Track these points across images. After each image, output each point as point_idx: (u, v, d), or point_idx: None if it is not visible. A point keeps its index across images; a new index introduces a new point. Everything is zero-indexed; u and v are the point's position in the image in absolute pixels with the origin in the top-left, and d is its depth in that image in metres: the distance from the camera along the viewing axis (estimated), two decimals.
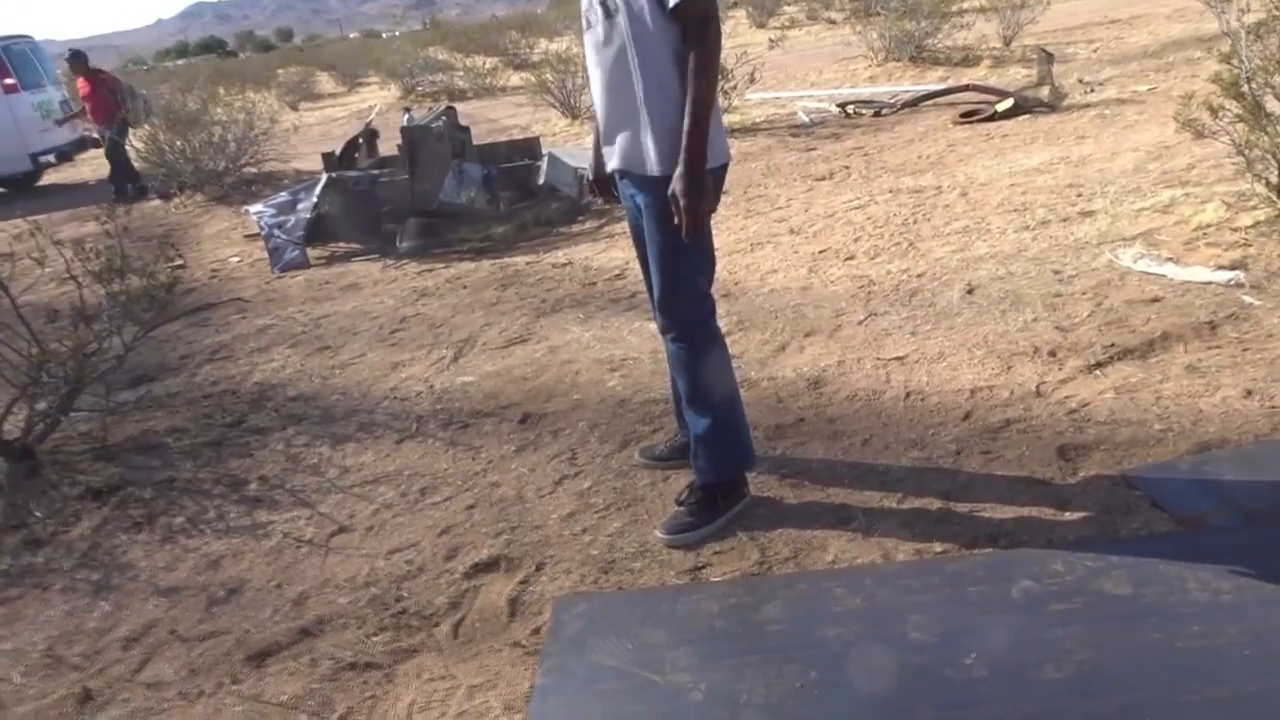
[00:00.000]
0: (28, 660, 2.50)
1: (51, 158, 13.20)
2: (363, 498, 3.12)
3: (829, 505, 2.68)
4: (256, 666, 2.34)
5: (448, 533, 2.82)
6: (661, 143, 2.37)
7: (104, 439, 3.75)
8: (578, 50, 13.02)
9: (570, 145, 9.32)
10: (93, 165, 14.04)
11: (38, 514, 3.28)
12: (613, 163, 2.56)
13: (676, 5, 2.24)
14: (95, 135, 11.03)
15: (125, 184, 10.79)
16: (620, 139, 2.46)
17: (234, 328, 5.27)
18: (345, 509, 3.06)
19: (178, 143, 10.07)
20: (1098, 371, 3.22)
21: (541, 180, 7.04)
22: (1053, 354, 3.39)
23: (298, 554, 2.84)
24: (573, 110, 11.59)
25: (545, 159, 7.27)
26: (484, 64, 21.28)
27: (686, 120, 2.28)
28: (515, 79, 18.49)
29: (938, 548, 2.42)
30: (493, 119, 13.02)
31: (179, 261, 5.17)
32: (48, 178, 14.23)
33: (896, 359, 3.56)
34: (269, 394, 4.14)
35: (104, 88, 10.64)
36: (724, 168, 2.47)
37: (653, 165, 2.39)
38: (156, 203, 10.00)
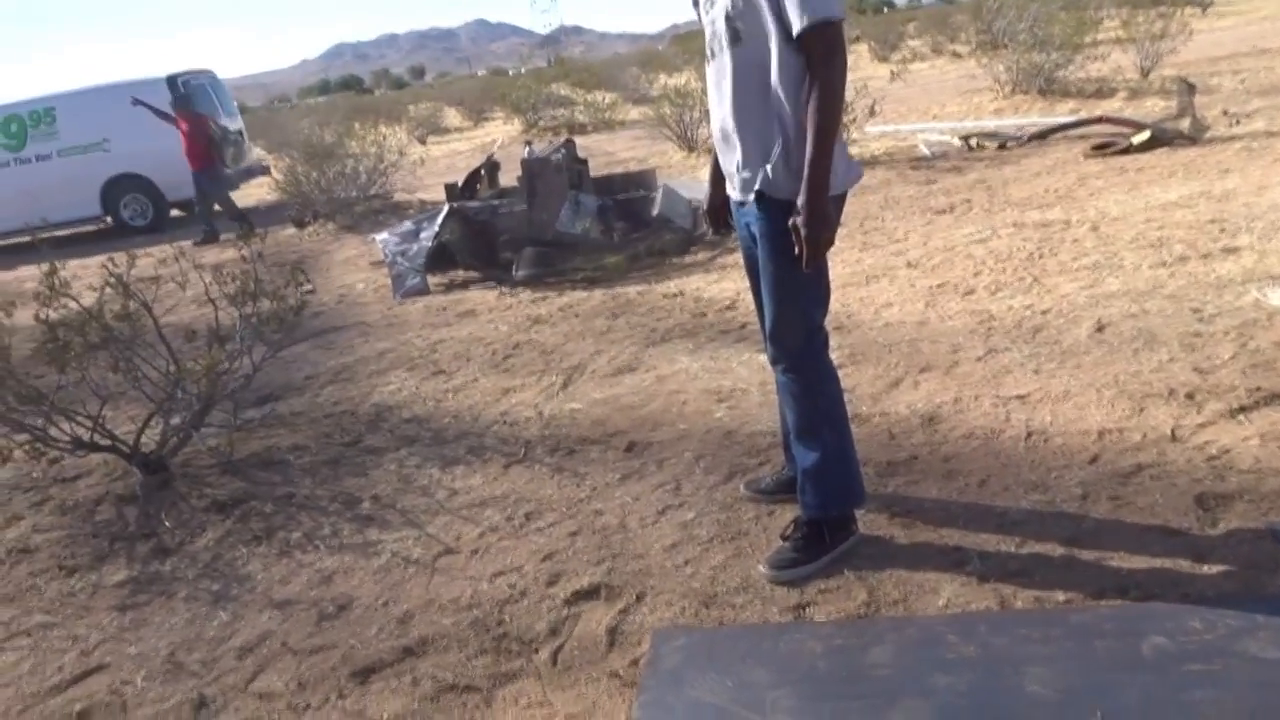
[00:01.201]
0: (150, 665, 2.60)
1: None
2: (469, 520, 3.15)
3: (942, 547, 2.57)
4: (361, 683, 2.37)
5: (550, 558, 2.82)
6: (782, 170, 2.34)
7: (230, 454, 3.92)
8: (696, 84, 13.12)
9: (686, 178, 9.36)
10: (260, 192, 14.78)
11: (167, 524, 3.44)
12: (731, 191, 2.54)
13: (802, 33, 2.22)
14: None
15: (213, 224, 11.05)
16: (739, 167, 2.44)
17: (356, 350, 5.45)
18: (452, 530, 3.10)
19: (313, 174, 10.56)
20: (1241, 416, 3.01)
21: (656, 211, 7.08)
22: (1190, 396, 3.19)
23: (405, 573, 2.88)
24: (689, 143, 11.66)
25: (660, 191, 7.32)
26: (604, 99, 21.67)
27: (810, 148, 2.24)
28: (634, 113, 18.76)
29: (1060, 597, 2.28)
30: (610, 152, 13.22)
31: (308, 286, 5.38)
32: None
33: (1017, 397, 3.41)
34: (385, 415, 4.25)
35: (200, 133, 10.90)
36: (843, 197, 2.42)
37: (773, 192, 2.36)
38: (291, 231, 10.48)
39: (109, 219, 13.36)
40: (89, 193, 13.02)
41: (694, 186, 7.90)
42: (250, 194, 14.75)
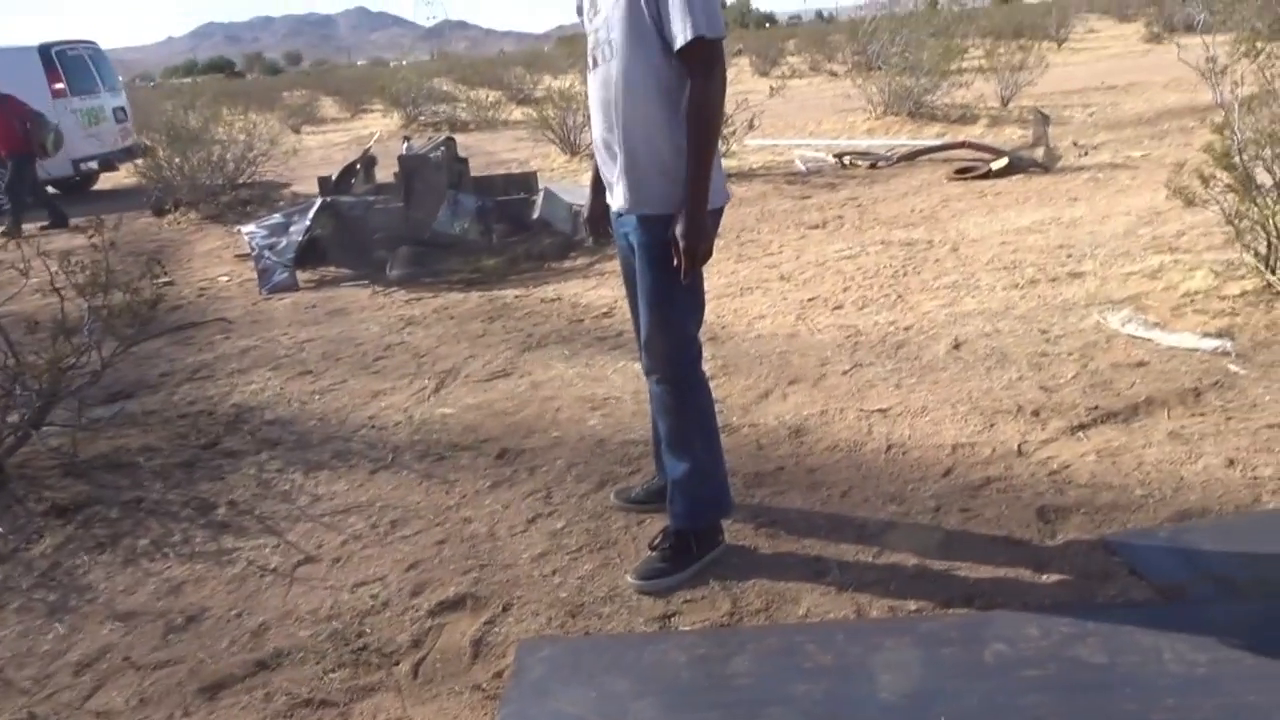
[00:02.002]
0: None
1: (94, 164, 12.88)
2: (332, 528, 3.06)
3: (804, 557, 2.64)
4: (209, 699, 2.27)
5: (415, 568, 2.77)
6: (661, 183, 2.36)
7: (74, 455, 3.69)
8: (581, 88, 13.14)
9: (567, 181, 9.35)
10: (118, 175, 13.91)
11: (0, 530, 3.21)
12: (611, 201, 2.55)
13: (683, 47, 2.25)
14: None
15: (19, 214, 9.89)
16: (620, 177, 2.45)
17: (217, 348, 5.23)
18: (313, 538, 3.00)
19: (175, 159, 10.07)
20: (1080, 433, 3.20)
21: (536, 215, 7.05)
22: (1036, 414, 3.37)
23: (261, 583, 2.77)
24: (572, 147, 11.65)
25: (541, 194, 7.28)
26: (487, 97, 21.44)
27: (689, 162, 2.28)
28: (518, 113, 18.63)
29: (912, 606, 2.38)
30: (492, 152, 13.09)
31: (166, 278, 5.14)
32: (103, 182, 13.99)
33: (879, 411, 3.54)
34: (246, 416, 4.09)
35: (11, 114, 9.98)
36: (720, 210, 2.47)
37: (651, 205, 2.39)
38: (150, 218, 9.97)
39: None
40: None
41: (575, 191, 7.90)
42: (111, 176, 13.95)
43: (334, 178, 7.62)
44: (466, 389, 4.20)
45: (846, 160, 9.56)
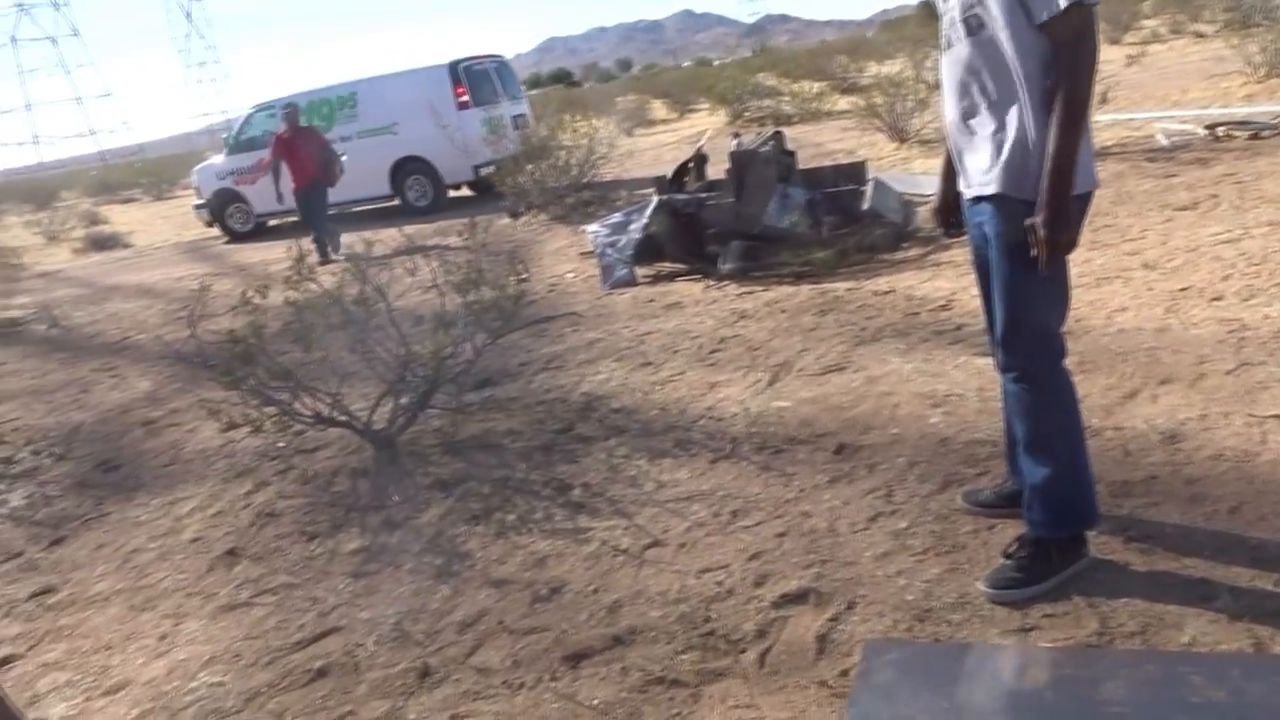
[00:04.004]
0: (380, 631, 2.79)
1: (492, 169, 13.66)
2: (676, 513, 3.19)
3: (1185, 578, 2.37)
4: (572, 667, 2.45)
5: (757, 558, 2.81)
6: (1023, 166, 2.22)
7: (453, 435, 4.14)
8: (910, 73, 12.68)
9: (897, 170, 9.08)
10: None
11: (395, 498, 3.67)
12: (964, 188, 2.43)
13: (1047, 20, 2.10)
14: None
15: (326, 238, 10.53)
16: (974, 162, 2.34)
17: (566, 339, 5.63)
18: (660, 523, 3.15)
19: (528, 166, 10.97)
20: None
21: (866, 205, 6.89)
22: None
23: (614, 562, 2.95)
24: (901, 134, 11.29)
25: (870, 184, 7.12)
26: (811, 89, 21.32)
27: (1053, 144, 2.12)
28: (842, 103, 18.36)
29: None
30: (818, 143, 12.99)
31: (524, 275, 5.60)
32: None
33: (1276, 417, 3.10)
34: (595, 404, 4.36)
35: (315, 147, 10.68)
36: (1089, 196, 2.27)
37: (1011, 189, 2.25)
38: (506, 221, 10.94)
39: (396, 199, 14.13)
40: (380, 173, 13.78)
41: (906, 179, 7.66)
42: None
43: (669, 176, 7.93)
44: (800, 382, 4.20)
45: (1220, 131, 8.45)
